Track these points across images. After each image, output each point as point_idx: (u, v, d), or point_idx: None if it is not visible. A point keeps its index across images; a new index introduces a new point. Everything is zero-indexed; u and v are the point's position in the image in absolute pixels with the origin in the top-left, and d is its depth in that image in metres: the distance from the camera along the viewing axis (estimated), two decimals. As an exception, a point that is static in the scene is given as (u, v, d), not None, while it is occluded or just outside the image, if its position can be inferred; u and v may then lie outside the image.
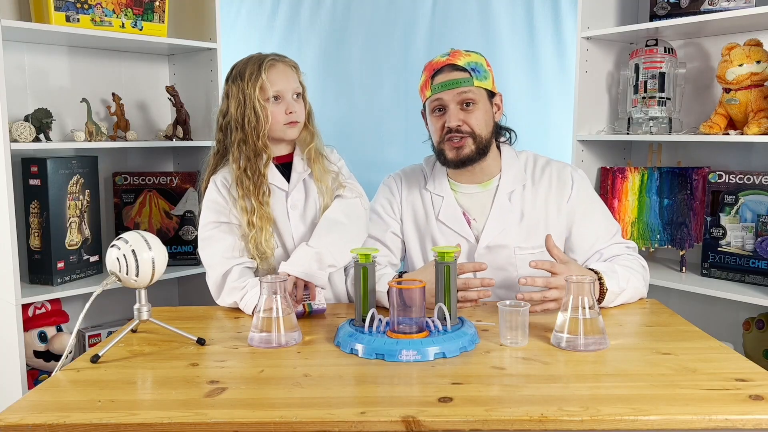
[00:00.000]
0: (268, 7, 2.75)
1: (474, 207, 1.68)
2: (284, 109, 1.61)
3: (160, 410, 1.00)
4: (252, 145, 1.59)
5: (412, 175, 1.77)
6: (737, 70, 1.93)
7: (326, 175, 1.68)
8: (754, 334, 2.01)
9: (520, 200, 1.65)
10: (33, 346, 1.98)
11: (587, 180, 1.72)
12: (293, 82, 1.63)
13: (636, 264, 1.59)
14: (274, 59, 1.62)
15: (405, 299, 1.26)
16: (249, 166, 1.59)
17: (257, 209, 1.59)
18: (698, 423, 0.95)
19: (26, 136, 1.89)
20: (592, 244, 1.64)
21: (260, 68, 1.59)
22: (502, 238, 1.63)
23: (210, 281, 1.59)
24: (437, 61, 1.62)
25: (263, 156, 1.61)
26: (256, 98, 1.57)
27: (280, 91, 1.60)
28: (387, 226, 1.73)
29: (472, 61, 1.60)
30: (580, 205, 1.66)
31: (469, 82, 1.57)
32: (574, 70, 2.31)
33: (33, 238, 1.99)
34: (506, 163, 1.69)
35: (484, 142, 1.61)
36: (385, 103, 2.76)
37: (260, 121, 1.58)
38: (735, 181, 2.00)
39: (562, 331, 1.25)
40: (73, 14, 1.95)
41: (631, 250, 1.65)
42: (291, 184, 1.67)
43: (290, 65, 1.65)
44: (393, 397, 1.04)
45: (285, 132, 1.63)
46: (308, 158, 1.67)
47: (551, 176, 1.67)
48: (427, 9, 2.71)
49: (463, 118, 1.58)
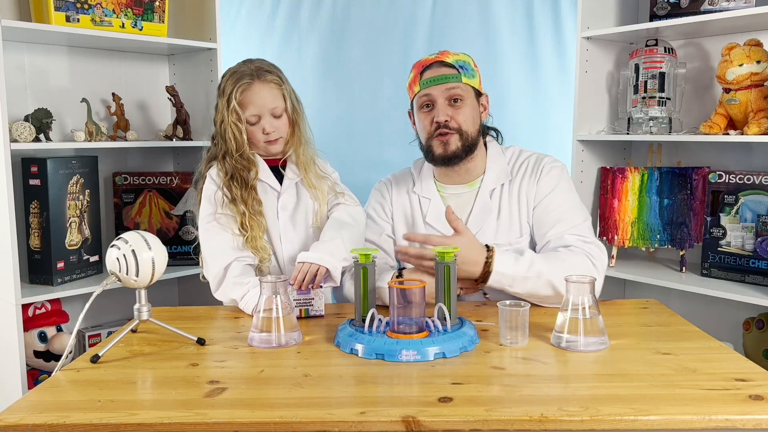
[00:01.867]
0: (268, 7, 2.75)
1: (459, 206, 1.67)
2: (261, 129, 1.62)
3: (160, 410, 1.00)
4: (237, 160, 1.61)
5: (401, 179, 1.79)
6: (737, 70, 1.93)
7: (320, 181, 1.70)
8: (754, 334, 2.01)
9: (499, 198, 1.66)
10: (33, 346, 1.98)
11: (562, 170, 1.66)
12: (271, 101, 1.62)
13: (575, 260, 1.49)
14: (248, 81, 1.60)
15: (405, 297, 1.26)
16: (236, 176, 1.61)
17: (248, 215, 1.61)
18: (698, 423, 0.95)
19: (26, 136, 1.89)
20: (546, 231, 1.59)
21: (233, 91, 1.58)
22: (481, 236, 1.62)
23: (210, 274, 1.59)
24: (426, 59, 1.64)
25: (250, 170, 1.63)
26: (230, 123, 1.59)
27: (256, 114, 1.61)
28: (382, 230, 1.74)
29: (460, 60, 1.62)
30: (544, 190, 1.63)
31: (458, 78, 1.59)
32: (574, 70, 2.31)
33: (33, 238, 1.99)
34: (491, 162, 1.69)
35: (471, 140, 1.62)
36: (385, 103, 2.76)
37: (238, 141, 1.61)
38: (735, 181, 2.00)
39: (562, 331, 1.25)
40: (73, 14, 1.95)
41: (589, 246, 1.53)
42: (283, 186, 1.69)
43: (269, 82, 1.62)
44: (393, 397, 1.04)
45: (267, 148, 1.66)
46: (298, 165, 1.69)
47: (527, 168, 1.67)
48: (427, 9, 2.71)
49: (451, 114, 1.60)
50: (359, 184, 1.98)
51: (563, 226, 1.58)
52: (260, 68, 1.63)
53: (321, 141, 2.81)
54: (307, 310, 1.49)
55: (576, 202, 1.66)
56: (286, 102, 1.65)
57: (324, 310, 1.50)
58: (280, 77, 1.65)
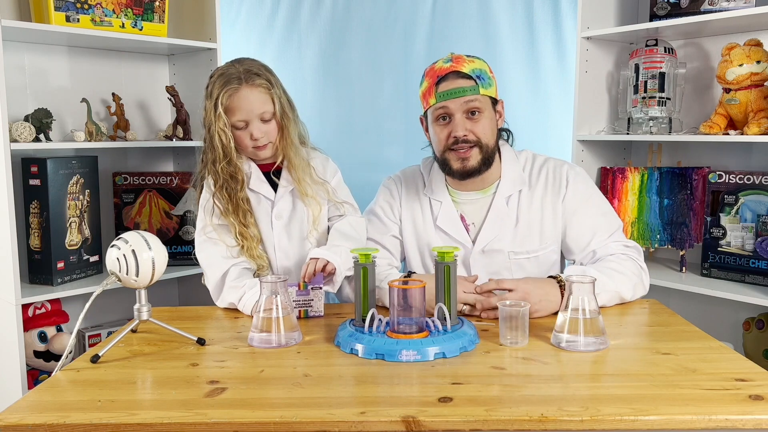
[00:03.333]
0: (268, 7, 2.75)
1: (472, 212, 1.66)
2: (249, 135, 1.58)
3: (160, 410, 1.00)
4: (225, 168, 1.58)
5: (411, 179, 1.76)
6: (737, 70, 1.93)
7: (316, 189, 1.66)
8: (754, 334, 2.01)
9: (516, 204, 1.64)
10: (33, 346, 1.98)
11: (585, 177, 1.68)
12: (259, 106, 1.56)
13: (627, 266, 1.54)
14: (236, 86, 1.54)
15: (405, 299, 1.26)
16: (226, 186, 1.59)
17: (238, 228, 1.59)
18: (698, 423, 0.95)
19: (26, 136, 1.89)
20: (587, 243, 1.61)
21: (220, 95, 1.54)
22: (496, 242, 1.62)
23: (209, 283, 1.59)
24: (440, 68, 1.56)
25: (237, 178, 1.59)
26: (217, 129, 1.55)
27: (243, 120, 1.57)
28: (387, 229, 1.72)
29: (477, 68, 1.56)
30: (575, 203, 1.63)
31: (475, 91, 1.54)
32: (574, 70, 2.31)
33: (33, 238, 1.99)
34: (506, 167, 1.66)
35: (490, 152, 1.59)
36: (385, 103, 2.76)
37: (226, 148, 1.57)
38: (735, 181, 2.00)
39: (562, 331, 1.25)
40: (73, 14, 1.95)
41: (631, 249, 1.60)
42: (277, 195, 1.66)
43: (257, 86, 1.56)
44: (393, 397, 1.04)
45: (255, 154, 1.62)
46: (291, 170, 1.65)
47: (547, 177, 1.65)
48: (427, 9, 2.71)
49: (470, 127, 1.55)
50: (359, 184, 1.98)
51: (604, 234, 1.62)
52: (249, 71, 1.56)
53: (321, 141, 2.81)
54: (306, 311, 1.49)
55: (607, 207, 1.69)
56: (275, 106, 1.59)
57: (323, 311, 1.50)
58: (269, 80, 1.58)
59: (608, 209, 1.68)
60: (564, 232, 1.64)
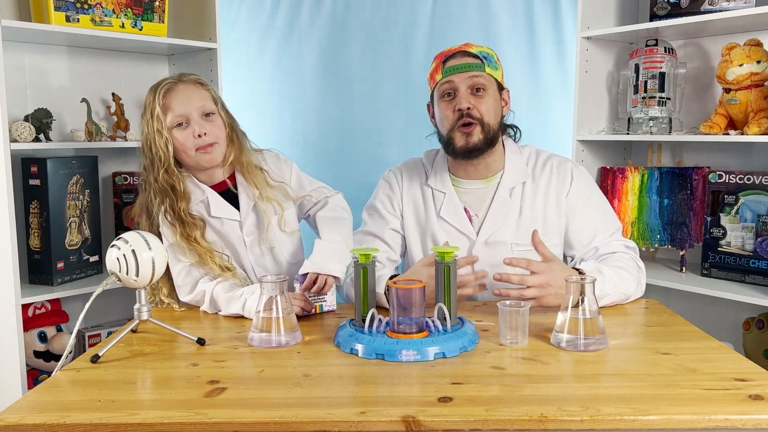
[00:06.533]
0: (268, 7, 2.74)
1: (475, 203, 1.67)
2: (192, 133, 1.49)
3: (160, 410, 1.00)
4: (163, 182, 1.49)
5: (413, 170, 1.76)
6: (737, 70, 1.93)
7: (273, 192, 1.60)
8: (754, 334, 2.01)
9: (520, 197, 1.65)
10: (33, 346, 1.98)
11: (588, 176, 1.71)
12: (198, 100, 1.51)
13: (631, 265, 1.56)
14: (171, 82, 1.51)
15: (404, 300, 1.26)
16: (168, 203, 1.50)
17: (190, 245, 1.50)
18: (698, 423, 0.95)
19: (26, 136, 1.89)
20: (590, 239, 1.63)
21: (155, 96, 1.49)
22: (499, 234, 1.63)
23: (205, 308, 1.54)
24: (449, 50, 1.63)
25: (177, 188, 1.50)
26: (155, 131, 1.47)
27: (183, 115, 1.49)
28: (386, 223, 1.72)
29: (484, 51, 1.62)
30: (578, 200, 1.65)
31: (481, 68, 1.59)
32: (574, 70, 2.31)
33: (33, 238, 1.99)
34: (510, 159, 1.68)
35: (492, 132, 1.60)
36: (385, 103, 2.76)
37: (163, 155, 1.48)
38: (735, 181, 2.00)
39: (562, 331, 1.25)
40: (73, 14, 1.95)
41: (630, 250, 1.62)
42: (242, 214, 1.60)
43: (193, 82, 1.53)
44: (393, 397, 1.04)
45: (201, 159, 1.52)
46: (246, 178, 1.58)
47: (551, 172, 1.67)
48: (427, 9, 2.70)
49: (474, 103, 1.58)
50: (359, 184, 1.98)
51: (606, 232, 1.63)
52: (182, 74, 1.56)
53: (321, 141, 2.81)
54: (321, 306, 1.52)
55: (609, 207, 1.71)
56: (216, 104, 1.55)
57: (336, 305, 1.53)
58: (203, 82, 1.56)
59: (609, 209, 1.71)
60: (566, 227, 1.65)
